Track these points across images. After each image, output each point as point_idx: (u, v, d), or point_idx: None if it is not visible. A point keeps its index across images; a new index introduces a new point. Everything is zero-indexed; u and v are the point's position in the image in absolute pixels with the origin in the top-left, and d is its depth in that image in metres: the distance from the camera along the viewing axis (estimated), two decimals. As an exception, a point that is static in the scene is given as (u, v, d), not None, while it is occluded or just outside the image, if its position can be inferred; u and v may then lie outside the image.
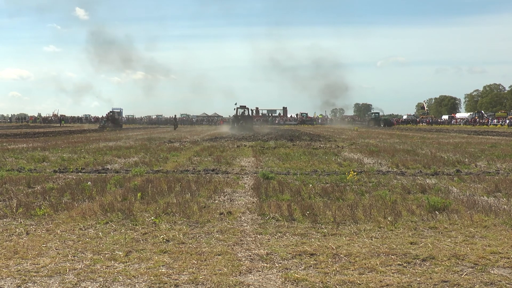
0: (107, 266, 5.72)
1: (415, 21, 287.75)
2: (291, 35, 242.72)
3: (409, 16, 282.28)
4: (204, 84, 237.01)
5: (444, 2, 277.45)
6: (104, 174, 13.91)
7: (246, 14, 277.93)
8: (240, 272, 5.50)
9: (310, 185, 11.51)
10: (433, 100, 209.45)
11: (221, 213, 8.43)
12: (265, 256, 6.06)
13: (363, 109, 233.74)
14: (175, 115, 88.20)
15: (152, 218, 8.06)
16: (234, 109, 61.60)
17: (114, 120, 78.89)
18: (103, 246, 6.55)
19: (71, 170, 14.85)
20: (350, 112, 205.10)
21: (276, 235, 7.08)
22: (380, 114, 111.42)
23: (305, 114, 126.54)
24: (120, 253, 6.22)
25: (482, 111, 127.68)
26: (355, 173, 12.66)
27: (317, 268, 5.65)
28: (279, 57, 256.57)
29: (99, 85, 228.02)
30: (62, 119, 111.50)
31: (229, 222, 7.85)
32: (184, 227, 7.57)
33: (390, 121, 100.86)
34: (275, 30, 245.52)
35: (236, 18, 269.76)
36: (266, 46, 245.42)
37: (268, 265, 5.74)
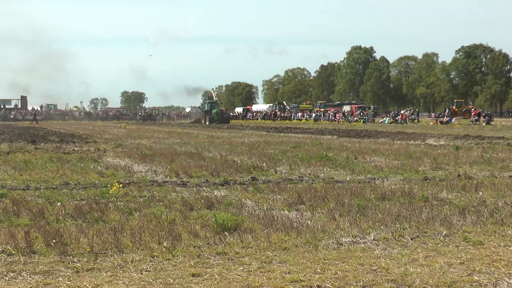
0: None
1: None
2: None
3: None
4: None
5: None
6: None
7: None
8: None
9: (59, 204, 11.28)
10: (224, 88, 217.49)
11: None
12: (-9, 307, 5.77)
13: (133, 99, 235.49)
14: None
15: None
16: None
17: None
18: None
19: None
20: (116, 103, 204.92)
21: (7, 276, 6.78)
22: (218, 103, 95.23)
23: (53, 106, 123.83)
24: None
25: (284, 103, 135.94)
26: (122, 185, 12.65)
27: (66, 317, 5.53)
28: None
29: None
30: None
31: None
32: None
33: (226, 117, 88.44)
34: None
35: None
36: None
37: (-5, 319, 5.47)
